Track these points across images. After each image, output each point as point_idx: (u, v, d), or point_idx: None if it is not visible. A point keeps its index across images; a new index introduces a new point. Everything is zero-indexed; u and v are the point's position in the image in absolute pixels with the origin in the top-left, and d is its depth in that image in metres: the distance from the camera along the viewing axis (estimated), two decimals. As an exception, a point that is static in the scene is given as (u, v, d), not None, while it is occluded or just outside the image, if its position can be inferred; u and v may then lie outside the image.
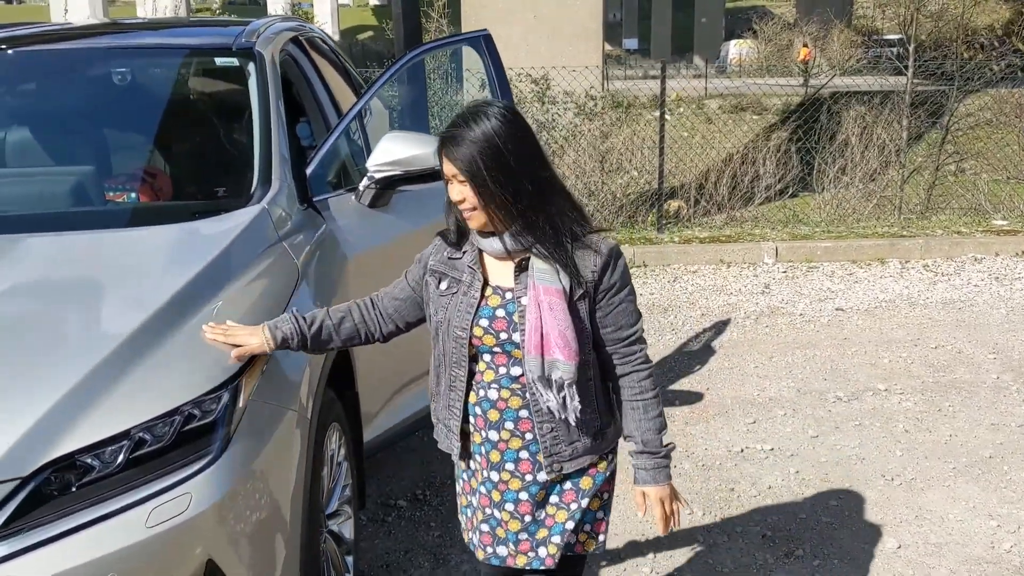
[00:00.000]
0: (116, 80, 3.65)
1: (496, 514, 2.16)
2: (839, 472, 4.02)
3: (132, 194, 3.20)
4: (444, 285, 2.12)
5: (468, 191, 1.99)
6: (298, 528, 2.34)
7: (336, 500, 2.85)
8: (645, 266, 7.46)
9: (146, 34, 4.29)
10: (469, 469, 2.22)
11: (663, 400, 2.21)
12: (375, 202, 3.30)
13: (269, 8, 37.67)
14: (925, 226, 8.38)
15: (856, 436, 4.38)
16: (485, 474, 2.16)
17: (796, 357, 5.41)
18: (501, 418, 2.11)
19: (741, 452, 4.23)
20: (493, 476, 2.14)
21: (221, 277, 2.53)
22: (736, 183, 9.83)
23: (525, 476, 2.12)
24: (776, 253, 7.57)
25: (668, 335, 5.83)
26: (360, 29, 45.08)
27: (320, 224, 3.12)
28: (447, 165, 2.01)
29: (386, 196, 3.30)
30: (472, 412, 2.14)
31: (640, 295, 2.15)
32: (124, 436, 2.01)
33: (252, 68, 3.38)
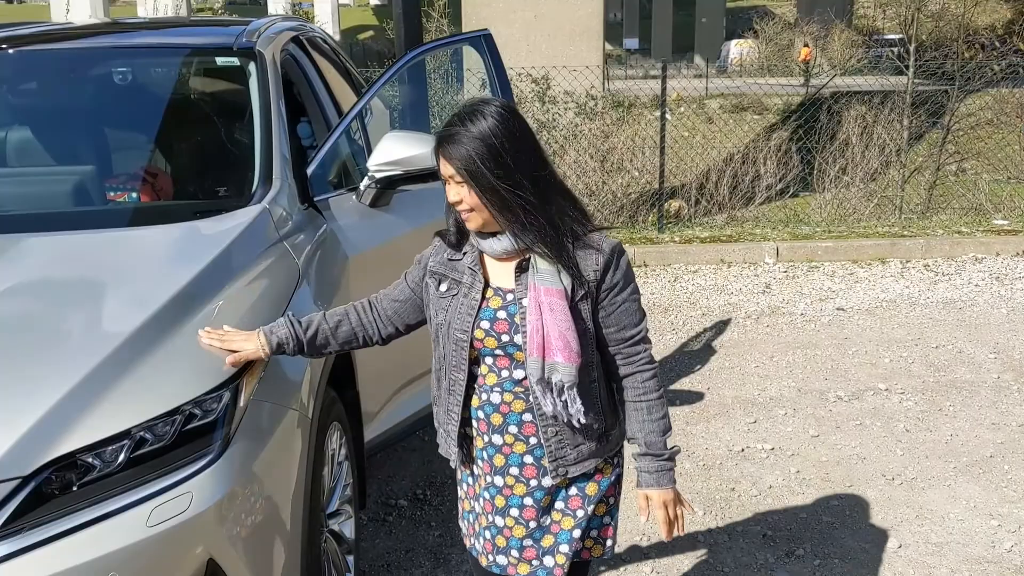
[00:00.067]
0: (117, 80, 3.65)
1: (498, 521, 2.11)
2: (840, 472, 4.02)
3: (133, 194, 3.20)
4: (444, 287, 2.07)
5: (466, 192, 1.95)
6: (299, 528, 2.33)
7: (337, 499, 2.85)
8: (646, 266, 7.46)
9: (147, 34, 4.29)
10: (472, 474, 2.16)
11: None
12: (376, 202, 3.29)
13: (270, 8, 37.69)
14: (926, 226, 8.37)
15: (857, 436, 4.37)
16: (488, 479, 2.11)
17: (797, 357, 5.41)
18: (504, 422, 2.05)
19: (742, 452, 4.23)
20: (497, 481, 2.09)
21: (222, 277, 2.52)
22: (737, 183, 9.85)
23: (530, 481, 2.07)
24: (777, 253, 7.56)
25: (669, 335, 5.83)
26: (361, 29, 45.12)
27: (321, 224, 3.12)
28: (444, 165, 1.97)
29: (387, 196, 3.30)
30: (475, 416, 2.09)
31: (641, 295, 2.12)
32: (125, 435, 2.01)
33: (253, 68, 3.38)
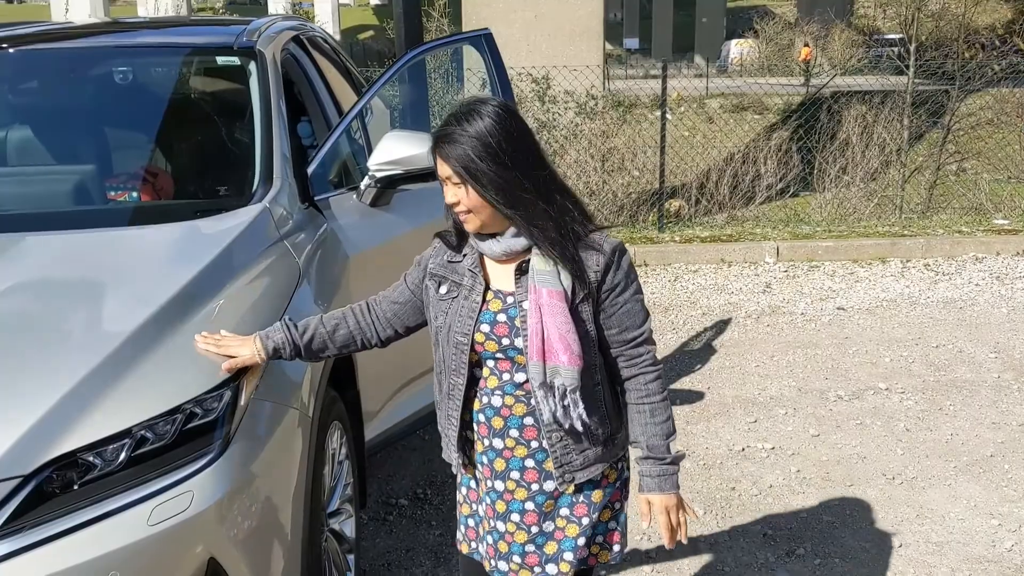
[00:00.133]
0: (117, 79, 3.65)
1: (500, 526, 2.08)
2: (840, 471, 4.02)
3: (133, 193, 3.20)
4: (444, 289, 2.04)
5: (463, 193, 1.92)
6: (300, 527, 2.33)
7: (337, 499, 2.85)
8: (646, 265, 7.46)
9: (147, 33, 4.29)
10: (474, 478, 2.14)
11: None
12: (376, 201, 3.29)
13: (270, 7, 37.68)
14: (926, 225, 8.37)
15: (857, 435, 4.37)
16: (489, 484, 2.08)
17: (797, 356, 5.41)
18: (505, 426, 2.02)
19: (742, 451, 4.23)
20: (498, 486, 2.06)
21: (223, 276, 2.53)
22: (737, 182, 9.85)
23: (531, 485, 2.04)
24: (777, 252, 7.56)
25: (669, 334, 5.84)
26: (361, 28, 45.11)
27: (321, 223, 3.13)
28: (441, 166, 1.93)
29: (387, 195, 3.30)
30: (475, 419, 2.06)
31: (644, 295, 2.10)
32: (126, 434, 2.01)
33: (253, 67, 3.38)
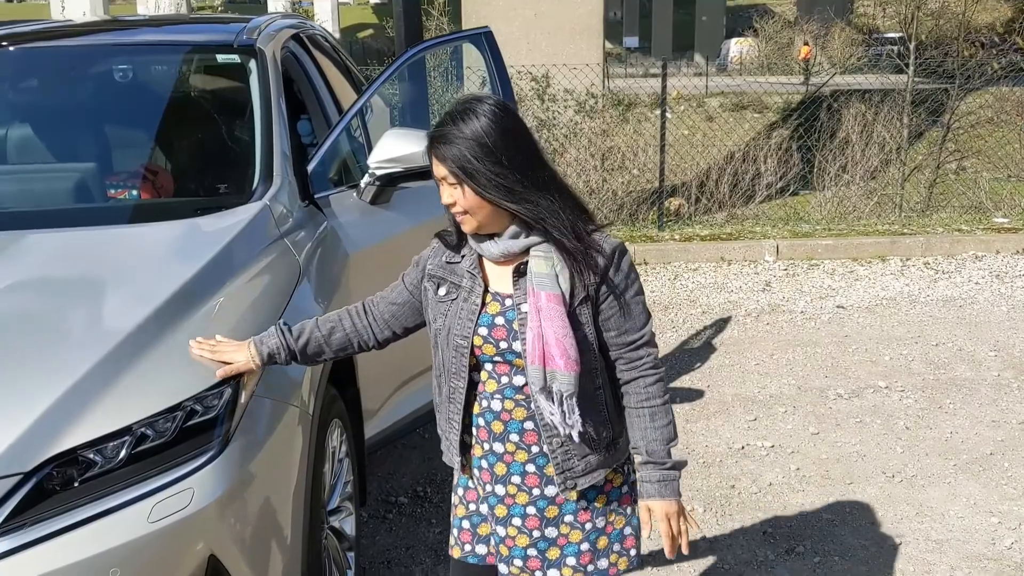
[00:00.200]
0: (117, 77, 3.65)
1: (500, 531, 2.05)
2: (840, 469, 4.03)
3: (134, 191, 3.20)
4: (443, 291, 2.00)
5: (459, 193, 1.87)
6: (300, 524, 2.34)
7: (337, 496, 2.85)
8: (646, 264, 7.47)
9: (147, 31, 4.29)
10: (475, 481, 2.09)
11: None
12: (376, 199, 3.29)
13: (270, 6, 37.67)
14: (926, 224, 8.37)
15: (857, 433, 4.38)
16: (489, 488, 2.03)
17: (797, 354, 5.42)
18: (505, 430, 1.98)
19: (742, 449, 4.23)
20: (498, 490, 2.02)
21: (223, 274, 2.53)
22: (737, 181, 9.85)
23: (532, 490, 2.00)
24: (777, 251, 7.56)
25: (669, 333, 5.84)
26: (360, 27, 45.07)
27: (321, 221, 3.13)
28: (436, 167, 1.89)
29: (387, 193, 3.30)
30: (475, 423, 2.02)
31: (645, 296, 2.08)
32: (126, 432, 2.01)
33: (253, 65, 3.38)
